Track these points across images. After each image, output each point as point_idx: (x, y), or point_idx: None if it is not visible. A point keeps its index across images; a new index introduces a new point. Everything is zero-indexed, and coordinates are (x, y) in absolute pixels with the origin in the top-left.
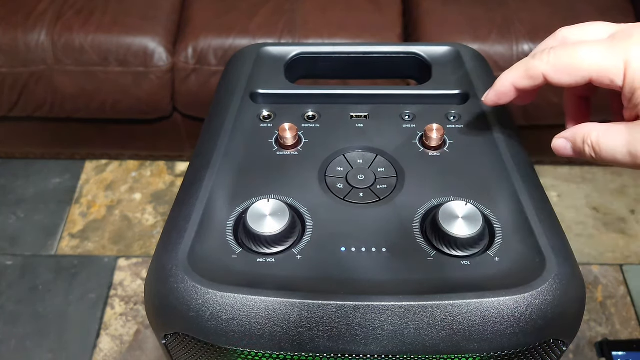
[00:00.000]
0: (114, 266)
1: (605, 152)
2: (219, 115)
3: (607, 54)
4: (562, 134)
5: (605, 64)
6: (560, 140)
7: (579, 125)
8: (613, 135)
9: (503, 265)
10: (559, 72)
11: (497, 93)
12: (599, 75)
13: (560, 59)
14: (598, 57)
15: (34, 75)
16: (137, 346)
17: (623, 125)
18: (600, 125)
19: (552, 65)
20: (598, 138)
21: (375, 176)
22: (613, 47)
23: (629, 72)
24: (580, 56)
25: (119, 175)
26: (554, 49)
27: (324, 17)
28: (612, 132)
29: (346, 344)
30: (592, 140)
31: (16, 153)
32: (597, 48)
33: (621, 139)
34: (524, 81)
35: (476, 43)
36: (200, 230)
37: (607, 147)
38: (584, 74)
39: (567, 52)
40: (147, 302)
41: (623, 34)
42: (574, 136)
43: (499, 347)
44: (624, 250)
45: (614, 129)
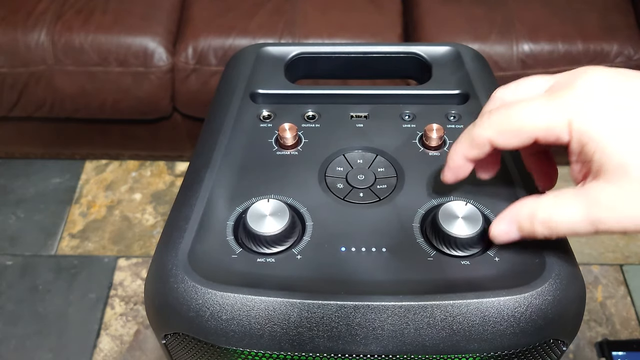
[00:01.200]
0: (114, 266)
1: (562, 228)
2: (219, 115)
3: (548, 112)
4: (501, 216)
5: (548, 122)
6: (501, 225)
7: (518, 204)
8: (567, 207)
9: (503, 265)
10: (503, 135)
11: (452, 169)
12: (544, 134)
13: (502, 123)
14: (540, 115)
15: (34, 75)
16: (137, 346)
17: (572, 193)
18: (544, 197)
19: (494, 130)
20: (550, 214)
21: (375, 176)
22: (553, 103)
23: (573, 127)
24: (521, 117)
25: (119, 175)
26: (493, 112)
27: (324, 17)
28: (565, 204)
29: (346, 344)
30: (543, 218)
31: (16, 153)
32: (537, 106)
33: (578, 209)
34: (473, 151)
35: (476, 43)
36: (200, 230)
37: (563, 221)
38: (529, 135)
39: (507, 114)
40: (147, 302)
41: (562, 87)
42: (517, 218)
43: (499, 347)
44: (624, 250)
45: (564, 199)
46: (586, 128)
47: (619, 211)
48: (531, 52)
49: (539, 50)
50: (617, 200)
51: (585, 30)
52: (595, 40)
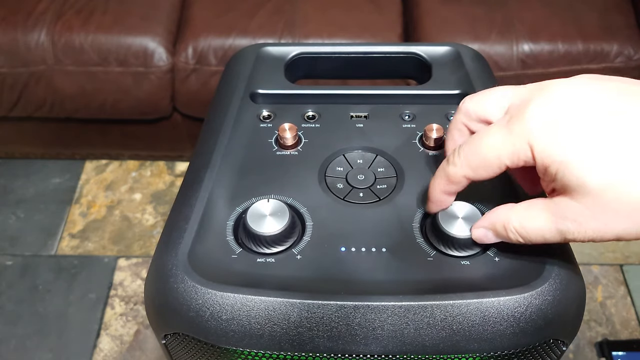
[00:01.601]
0: (114, 266)
1: (533, 235)
2: (219, 115)
3: (510, 142)
4: (480, 222)
5: (513, 151)
6: (479, 230)
7: (493, 212)
8: (537, 218)
9: (503, 265)
10: (476, 170)
11: (435, 203)
12: (512, 162)
13: (471, 160)
14: (504, 147)
15: (34, 75)
16: (137, 346)
17: (541, 204)
18: (517, 207)
19: (466, 167)
20: (522, 223)
21: (375, 176)
22: (513, 132)
23: (535, 152)
24: (487, 151)
25: (119, 175)
26: (462, 149)
27: (324, 17)
28: (535, 215)
29: (346, 344)
30: (515, 226)
31: (16, 153)
32: (499, 139)
33: (546, 220)
34: (452, 187)
35: (476, 43)
36: (200, 230)
37: (535, 230)
38: (499, 165)
39: (474, 148)
40: (147, 302)
41: (518, 112)
42: (493, 224)
43: (498, 347)
44: (624, 250)
45: (534, 210)
46: (547, 153)
47: (584, 225)
48: (531, 52)
49: (539, 50)
50: (581, 215)
51: (585, 30)
52: (595, 40)
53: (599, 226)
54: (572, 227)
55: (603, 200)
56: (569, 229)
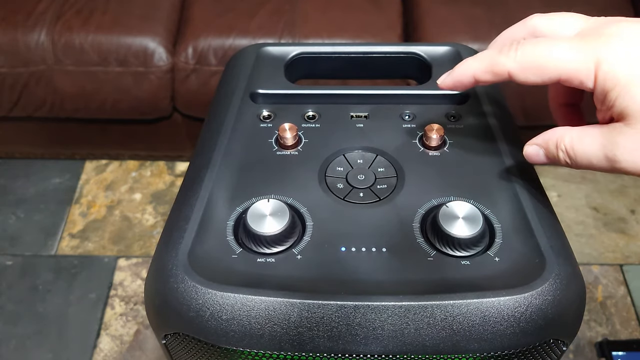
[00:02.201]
0: (114, 266)
1: (580, 157)
2: (219, 115)
3: (577, 55)
4: (534, 140)
5: (574, 65)
6: (532, 147)
7: (551, 130)
8: (588, 139)
9: (503, 265)
10: (526, 70)
11: (455, 80)
12: (568, 76)
13: (528, 58)
14: (567, 57)
15: (34, 75)
16: (137, 346)
17: (597, 128)
18: (573, 129)
19: (519, 63)
20: (572, 143)
21: (375, 176)
22: (583, 47)
23: (599, 74)
24: (548, 55)
25: (119, 175)
26: (522, 45)
27: (324, 17)
28: (587, 136)
29: (346, 344)
30: (565, 145)
31: (16, 153)
32: (566, 47)
33: (596, 143)
34: (487, 75)
35: (476, 43)
36: (200, 230)
37: (583, 152)
38: (551, 75)
39: (536, 50)
40: (147, 302)
41: (592, 32)
42: (547, 142)
43: (499, 347)
44: (624, 250)
45: (587, 132)
46: (612, 73)
47: (634, 153)
48: None
49: None
50: (635, 142)
51: None
52: None
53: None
54: (623, 157)
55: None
56: (619, 158)
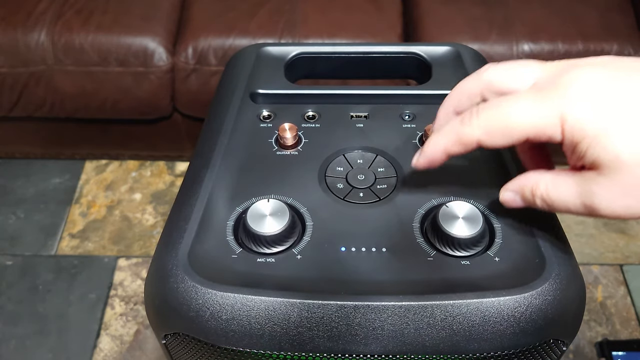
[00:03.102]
0: (114, 266)
1: (557, 204)
2: (219, 115)
3: (539, 112)
4: (508, 185)
5: (539, 123)
6: (507, 193)
7: (525, 175)
8: (563, 187)
9: (503, 265)
10: (493, 136)
11: (428, 159)
12: (535, 134)
13: (491, 123)
14: (531, 117)
15: (34, 75)
16: (137, 346)
17: (571, 176)
18: (546, 175)
19: (483, 130)
20: (547, 190)
21: (375, 176)
22: (544, 103)
23: (566, 127)
24: (511, 118)
25: (119, 175)
26: (482, 110)
27: (324, 17)
28: (562, 184)
29: (346, 344)
30: (541, 192)
31: (16, 153)
32: (527, 107)
33: (573, 192)
34: (457, 148)
35: (476, 43)
36: (200, 230)
37: (559, 199)
38: (519, 136)
39: (497, 114)
40: (147, 302)
41: (550, 83)
42: (522, 188)
43: (499, 347)
44: (624, 250)
45: (562, 180)
46: (580, 125)
47: (613, 202)
48: (531, 52)
49: (539, 50)
50: (610, 191)
51: (585, 30)
52: (595, 40)
53: (629, 203)
54: (599, 204)
55: (635, 176)
56: (596, 205)
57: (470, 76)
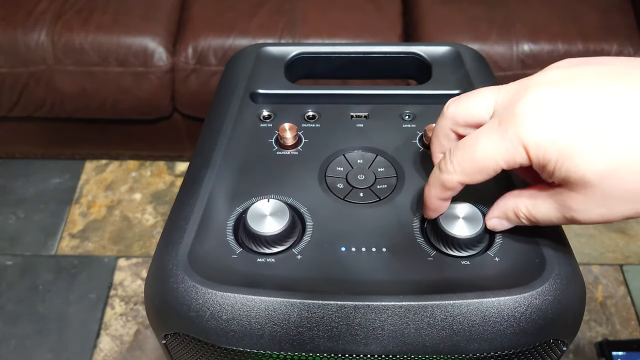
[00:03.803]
0: (114, 266)
1: (543, 220)
2: (219, 115)
3: (502, 145)
4: (492, 214)
5: (506, 154)
6: (493, 220)
7: (502, 201)
8: (542, 206)
9: (503, 265)
10: (471, 176)
11: (432, 210)
12: (508, 165)
13: (465, 166)
14: (496, 151)
15: (34, 75)
16: (137, 346)
17: (547, 195)
18: (523, 195)
19: (460, 173)
20: (529, 211)
21: (375, 176)
22: (504, 135)
23: (530, 153)
24: (480, 156)
25: (119, 175)
26: (452, 154)
27: (324, 17)
28: (540, 203)
29: (346, 344)
30: (524, 213)
31: (16, 153)
32: (490, 142)
33: (552, 208)
34: (447, 193)
35: (476, 43)
36: (200, 230)
37: (543, 216)
38: (495, 169)
39: (467, 155)
40: (147, 302)
41: (506, 112)
42: (505, 213)
43: (499, 347)
44: (624, 250)
45: (540, 199)
46: (542, 151)
47: (589, 212)
48: (531, 52)
49: (539, 50)
50: (584, 204)
51: (585, 30)
52: (595, 40)
53: (603, 212)
54: (577, 215)
55: (604, 190)
56: (574, 216)
57: (438, 117)
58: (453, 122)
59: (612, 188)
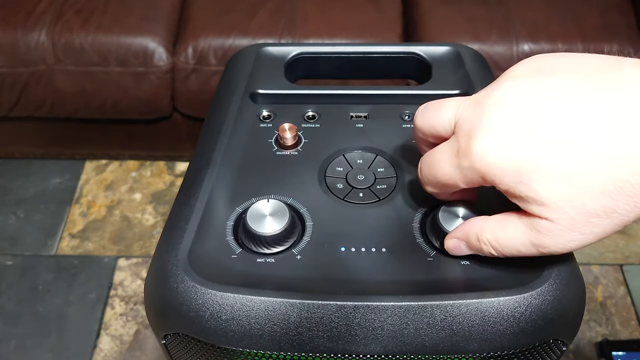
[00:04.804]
0: (114, 266)
1: (507, 248)
2: (219, 115)
3: (462, 173)
4: (453, 233)
5: (466, 180)
6: (452, 240)
7: (469, 222)
8: (510, 229)
9: (503, 265)
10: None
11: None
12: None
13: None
14: (457, 176)
15: (34, 75)
16: (137, 346)
17: (515, 216)
18: (491, 219)
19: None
20: (495, 234)
21: (375, 176)
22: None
23: (487, 179)
24: (442, 178)
25: (119, 175)
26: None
27: (324, 17)
28: (509, 225)
29: (346, 344)
30: (488, 238)
31: (16, 153)
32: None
33: (520, 232)
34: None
35: (476, 43)
36: (200, 230)
37: (507, 242)
38: (459, 187)
39: (432, 173)
40: (147, 302)
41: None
42: (466, 235)
43: (498, 347)
44: (624, 250)
45: (509, 222)
46: (498, 180)
47: (560, 237)
48: (531, 52)
49: (539, 50)
50: (553, 229)
51: (585, 30)
52: (595, 40)
53: (574, 236)
54: (547, 241)
55: (568, 215)
56: (544, 243)
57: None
58: (422, 133)
59: (575, 213)
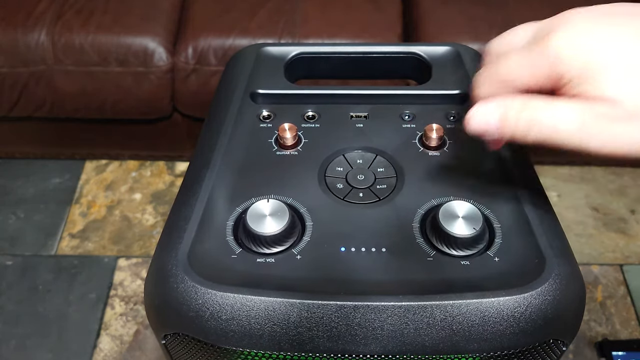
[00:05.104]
0: (114, 266)
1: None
2: (219, 115)
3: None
4: (489, 100)
5: (530, 71)
6: (484, 107)
7: (510, 95)
8: (561, 106)
9: (503, 265)
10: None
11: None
12: (531, 82)
13: (491, 80)
14: (521, 67)
15: (34, 75)
16: (137, 346)
17: (568, 100)
18: (538, 98)
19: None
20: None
21: (375, 176)
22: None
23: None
24: (505, 72)
25: (119, 175)
26: (483, 70)
27: (324, 17)
28: (560, 104)
29: (346, 344)
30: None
31: (16, 153)
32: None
33: (573, 115)
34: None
35: (476, 43)
36: (200, 230)
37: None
38: (517, 86)
39: (494, 71)
40: (147, 302)
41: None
42: (508, 104)
43: (498, 347)
44: (624, 250)
45: (559, 103)
46: (566, 67)
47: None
48: None
49: None
50: (615, 118)
51: None
52: None
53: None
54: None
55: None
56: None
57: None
58: (494, 54)
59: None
